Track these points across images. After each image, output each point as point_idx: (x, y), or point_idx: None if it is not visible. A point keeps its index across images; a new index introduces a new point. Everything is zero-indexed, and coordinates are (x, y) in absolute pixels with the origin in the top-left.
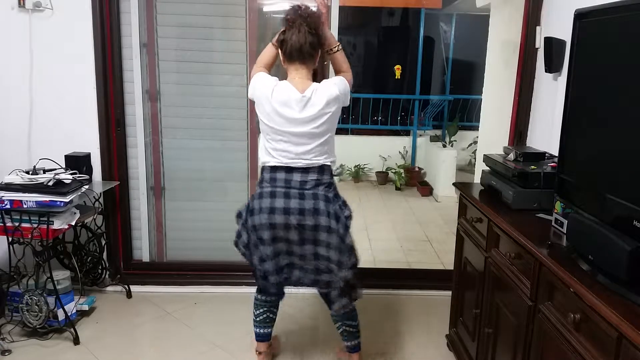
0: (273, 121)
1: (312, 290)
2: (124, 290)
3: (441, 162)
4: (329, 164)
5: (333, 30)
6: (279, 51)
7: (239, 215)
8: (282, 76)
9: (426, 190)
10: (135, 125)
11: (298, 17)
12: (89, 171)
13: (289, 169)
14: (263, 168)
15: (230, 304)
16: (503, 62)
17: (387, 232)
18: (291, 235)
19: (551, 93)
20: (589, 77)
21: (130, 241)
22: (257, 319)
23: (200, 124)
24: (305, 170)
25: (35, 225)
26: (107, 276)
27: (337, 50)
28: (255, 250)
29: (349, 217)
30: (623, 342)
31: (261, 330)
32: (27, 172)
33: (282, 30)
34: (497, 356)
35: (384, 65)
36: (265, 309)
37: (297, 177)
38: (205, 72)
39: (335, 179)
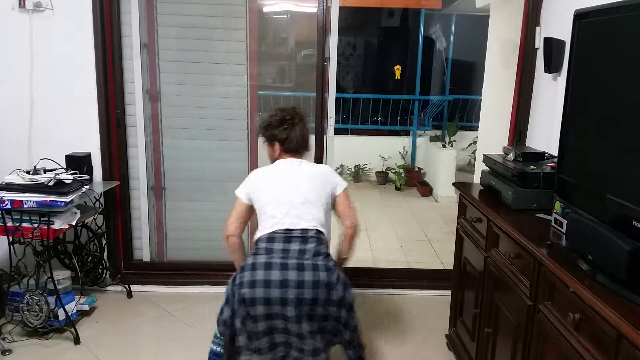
0: None
1: None
2: (125, 290)
3: (441, 162)
4: None
5: (333, 31)
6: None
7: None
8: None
9: (426, 190)
10: (136, 125)
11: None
12: (90, 171)
13: None
14: None
15: None
16: (503, 62)
17: (387, 232)
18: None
19: (551, 93)
20: (589, 77)
21: (130, 241)
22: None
23: (200, 124)
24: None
25: (35, 225)
26: (107, 276)
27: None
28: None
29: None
30: (623, 342)
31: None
32: (28, 172)
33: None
34: (497, 356)
35: (384, 66)
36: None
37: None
38: (205, 72)
39: None
